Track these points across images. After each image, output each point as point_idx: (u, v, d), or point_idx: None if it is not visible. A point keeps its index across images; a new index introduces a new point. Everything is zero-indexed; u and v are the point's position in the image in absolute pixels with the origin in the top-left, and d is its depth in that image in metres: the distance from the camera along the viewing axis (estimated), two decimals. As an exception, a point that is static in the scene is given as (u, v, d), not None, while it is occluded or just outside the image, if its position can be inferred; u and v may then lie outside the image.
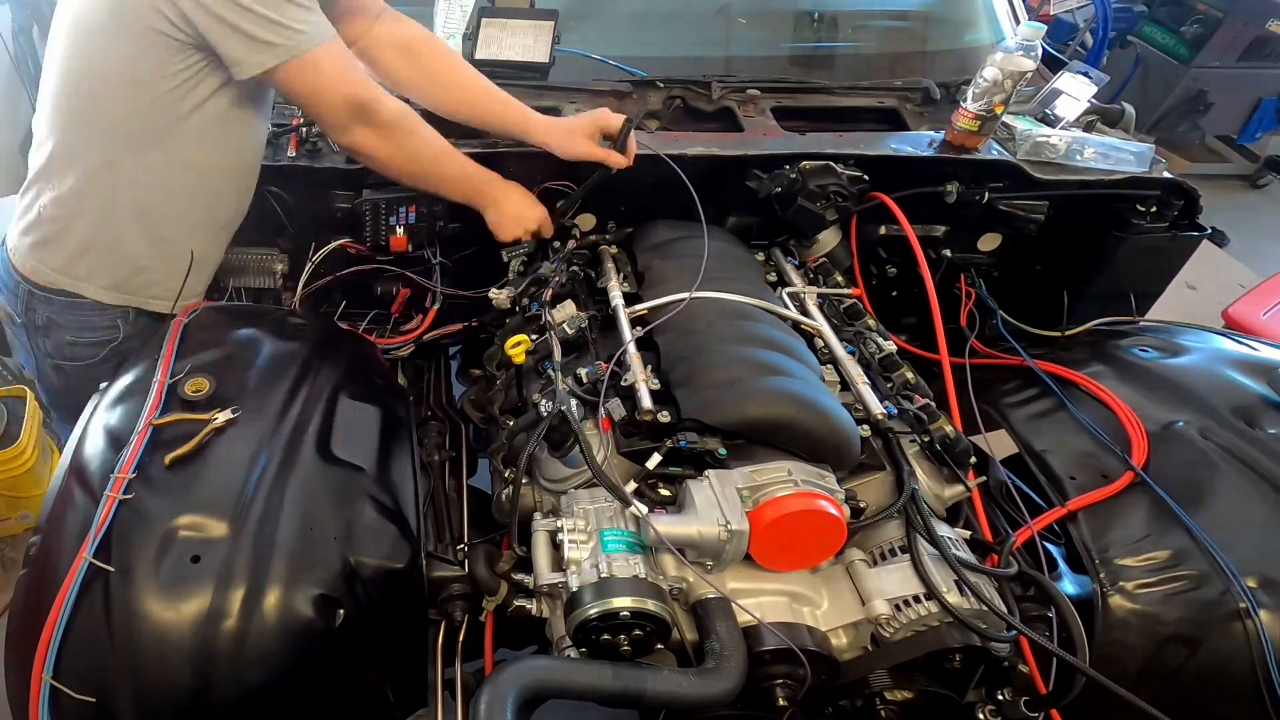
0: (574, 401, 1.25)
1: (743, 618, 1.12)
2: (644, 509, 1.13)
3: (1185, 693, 1.19)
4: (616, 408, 1.25)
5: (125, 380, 1.31)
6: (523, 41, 1.80)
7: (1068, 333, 1.78)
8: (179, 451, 1.12)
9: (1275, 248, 4.30)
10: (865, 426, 1.30)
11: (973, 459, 1.31)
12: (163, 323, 1.44)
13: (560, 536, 1.15)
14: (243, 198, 1.53)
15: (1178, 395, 1.48)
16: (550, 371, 1.33)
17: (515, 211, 1.58)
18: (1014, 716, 1.18)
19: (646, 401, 1.23)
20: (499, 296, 1.53)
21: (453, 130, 1.60)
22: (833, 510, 1.11)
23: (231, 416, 1.18)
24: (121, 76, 1.29)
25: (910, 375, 1.41)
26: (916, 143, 1.72)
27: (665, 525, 1.12)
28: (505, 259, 1.64)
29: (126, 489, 1.07)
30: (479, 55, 1.80)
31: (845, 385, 1.40)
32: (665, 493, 1.21)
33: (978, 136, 1.69)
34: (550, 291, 1.48)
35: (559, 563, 1.15)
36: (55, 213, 1.41)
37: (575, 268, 1.56)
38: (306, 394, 1.28)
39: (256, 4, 1.20)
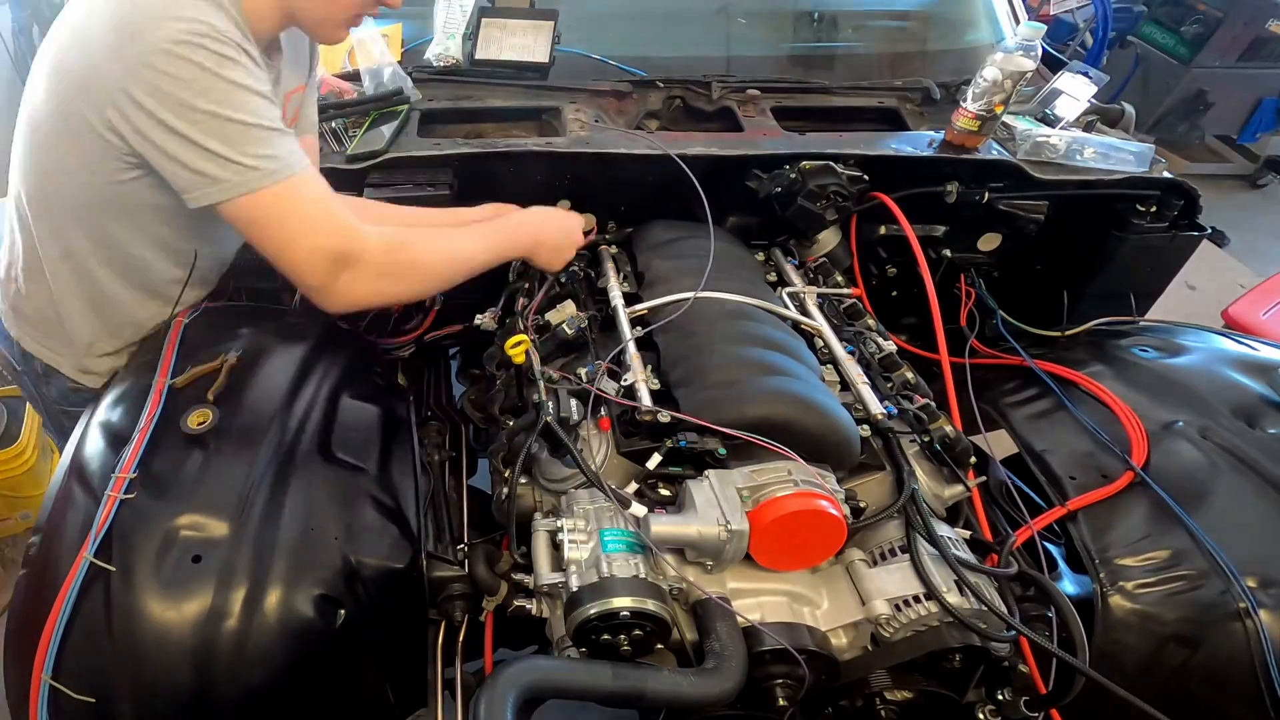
0: (574, 403, 1.25)
1: (742, 618, 1.12)
2: (643, 510, 1.13)
3: (1185, 693, 1.19)
4: (607, 385, 1.25)
5: (126, 381, 1.31)
6: (522, 41, 1.80)
7: (1068, 333, 1.78)
8: (216, 385, 1.18)
9: (1275, 248, 4.30)
10: (865, 426, 1.30)
11: (973, 459, 1.31)
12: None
13: (560, 536, 1.15)
14: (218, 270, 1.46)
15: (1178, 395, 1.48)
16: (538, 381, 1.32)
17: (556, 242, 1.46)
18: (1014, 716, 1.19)
19: (646, 401, 1.23)
20: (484, 320, 1.54)
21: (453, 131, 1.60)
22: (833, 510, 1.11)
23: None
24: (74, 178, 1.19)
25: (910, 375, 1.41)
26: (916, 143, 1.72)
27: (665, 525, 1.12)
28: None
29: (127, 489, 1.07)
30: (479, 55, 1.80)
31: (845, 385, 1.40)
32: (665, 493, 1.21)
33: (978, 136, 1.69)
34: (535, 305, 1.48)
35: (559, 563, 1.15)
36: (28, 290, 1.36)
37: (575, 268, 1.56)
38: (306, 394, 1.28)
39: (202, 134, 1.06)
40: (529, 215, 1.48)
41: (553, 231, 1.46)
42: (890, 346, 1.46)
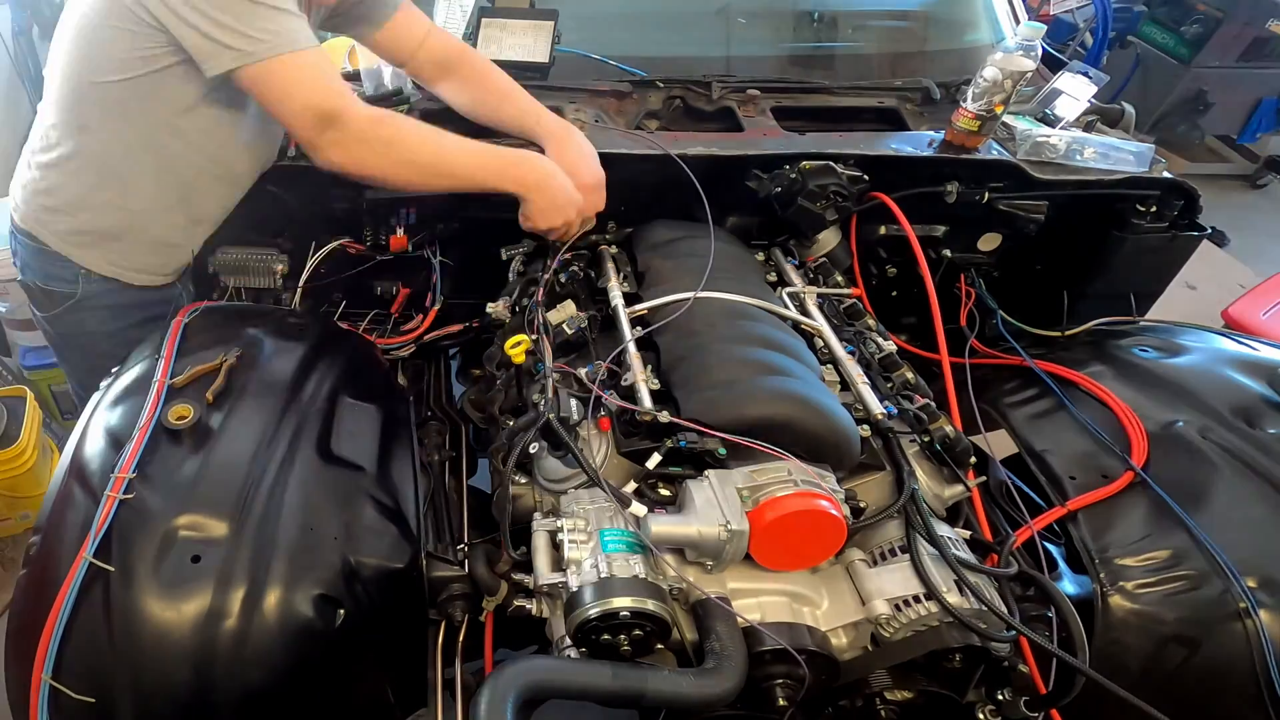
0: (574, 403, 1.25)
1: (742, 618, 1.12)
2: (643, 510, 1.13)
3: (1185, 693, 1.19)
4: (613, 399, 1.25)
5: (125, 379, 1.31)
6: (522, 41, 1.80)
7: (1068, 333, 1.78)
8: (215, 385, 1.21)
9: (1275, 248, 4.30)
10: (865, 426, 1.30)
11: (973, 459, 1.31)
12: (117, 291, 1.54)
13: (560, 536, 1.15)
14: (223, 197, 1.55)
15: (1178, 395, 1.48)
16: (548, 378, 1.32)
17: (550, 201, 1.46)
18: (1014, 716, 1.18)
19: (646, 401, 1.23)
20: (497, 308, 1.53)
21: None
22: (833, 510, 1.11)
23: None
24: (110, 61, 1.32)
25: (910, 375, 1.41)
26: (916, 143, 1.72)
27: (665, 525, 1.12)
28: (505, 257, 1.64)
29: (127, 489, 1.07)
30: (479, 55, 1.80)
31: (845, 385, 1.40)
32: (665, 493, 1.21)
33: (978, 136, 1.68)
34: (542, 291, 1.47)
35: (559, 563, 1.15)
36: (42, 159, 1.49)
37: (575, 268, 1.56)
38: (306, 394, 1.28)
39: (215, 8, 1.21)
40: (542, 161, 1.49)
41: (555, 187, 1.47)
42: (890, 346, 1.46)
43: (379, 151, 1.36)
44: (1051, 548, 1.37)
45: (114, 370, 1.38)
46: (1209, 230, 1.80)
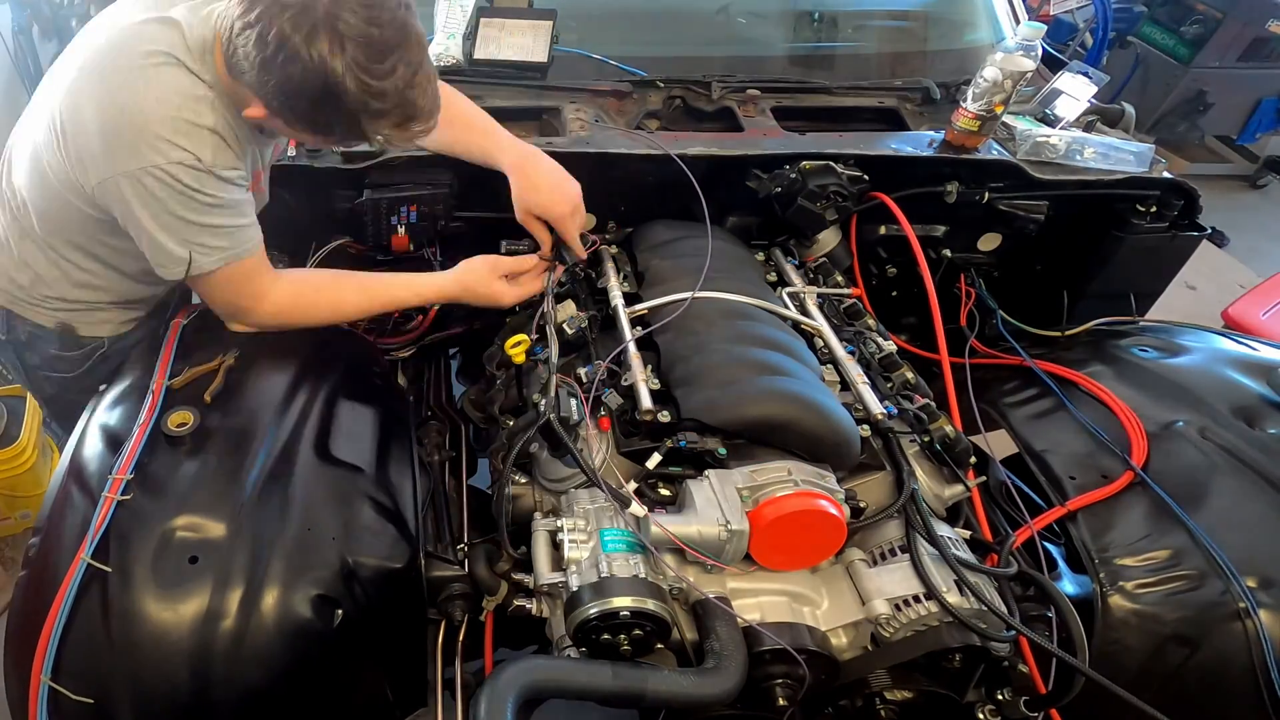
0: (574, 402, 1.25)
1: (741, 619, 1.12)
2: (643, 510, 1.13)
3: (1185, 693, 1.19)
4: (613, 398, 1.25)
5: (124, 381, 1.31)
6: (521, 41, 1.80)
7: (1068, 333, 1.78)
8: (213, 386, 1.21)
9: (1275, 248, 4.30)
10: (865, 426, 1.30)
11: (973, 459, 1.31)
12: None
13: (560, 536, 1.15)
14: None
15: (1178, 395, 1.48)
16: (551, 376, 1.31)
17: (476, 298, 1.52)
18: (1014, 716, 1.19)
19: (646, 401, 1.22)
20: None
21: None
22: (833, 510, 1.11)
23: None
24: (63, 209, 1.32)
25: (910, 375, 1.41)
26: (916, 143, 1.72)
27: (665, 525, 1.12)
28: (504, 254, 1.64)
29: (125, 490, 1.07)
30: (477, 55, 1.80)
31: (845, 385, 1.40)
32: (665, 492, 1.21)
33: (978, 136, 1.68)
34: (549, 301, 1.46)
35: (559, 562, 1.15)
36: (20, 256, 1.45)
37: (576, 268, 1.56)
38: (306, 394, 1.28)
39: (167, 235, 1.23)
40: (456, 277, 1.51)
41: (482, 291, 1.51)
42: (890, 346, 1.46)
43: (284, 324, 1.43)
44: (1051, 548, 1.37)
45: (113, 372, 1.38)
46: (1209, 230, 1.80)
